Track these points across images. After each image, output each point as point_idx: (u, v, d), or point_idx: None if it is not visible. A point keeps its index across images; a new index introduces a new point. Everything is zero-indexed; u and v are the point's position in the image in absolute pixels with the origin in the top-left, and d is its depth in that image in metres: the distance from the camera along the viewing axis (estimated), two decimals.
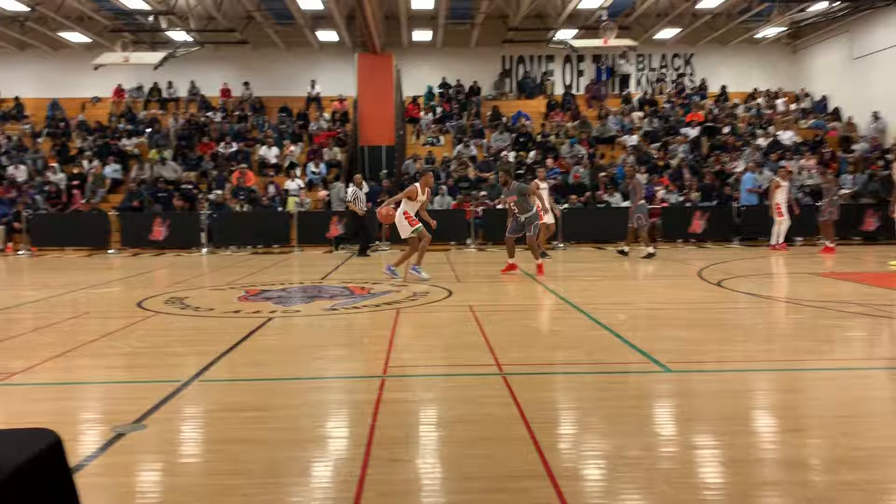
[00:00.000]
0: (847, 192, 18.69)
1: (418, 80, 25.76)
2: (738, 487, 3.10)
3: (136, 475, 3.38)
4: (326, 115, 24.52)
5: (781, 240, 15.78)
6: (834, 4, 21.08)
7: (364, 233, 16.04)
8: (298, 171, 20.77)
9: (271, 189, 19.72)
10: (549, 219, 13.98)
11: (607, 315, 7.43)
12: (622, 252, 14.37)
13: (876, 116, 21.98)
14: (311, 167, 21.13)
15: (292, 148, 22.24)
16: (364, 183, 16.90)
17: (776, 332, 7.07)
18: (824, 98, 24.93)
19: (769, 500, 3.02)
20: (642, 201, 14.11)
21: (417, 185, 10.69)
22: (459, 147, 22.40)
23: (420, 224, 10.53)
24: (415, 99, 25.42)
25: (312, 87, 25.52)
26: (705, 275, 11.16)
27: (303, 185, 19.98)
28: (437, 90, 26.03)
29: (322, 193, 19.72)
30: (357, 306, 8.34)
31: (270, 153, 21.87)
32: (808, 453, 3.54)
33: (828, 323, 7.24)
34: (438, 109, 25.09)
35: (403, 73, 24.99)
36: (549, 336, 6.66)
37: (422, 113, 24.97)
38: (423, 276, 10.47)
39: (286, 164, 21.45)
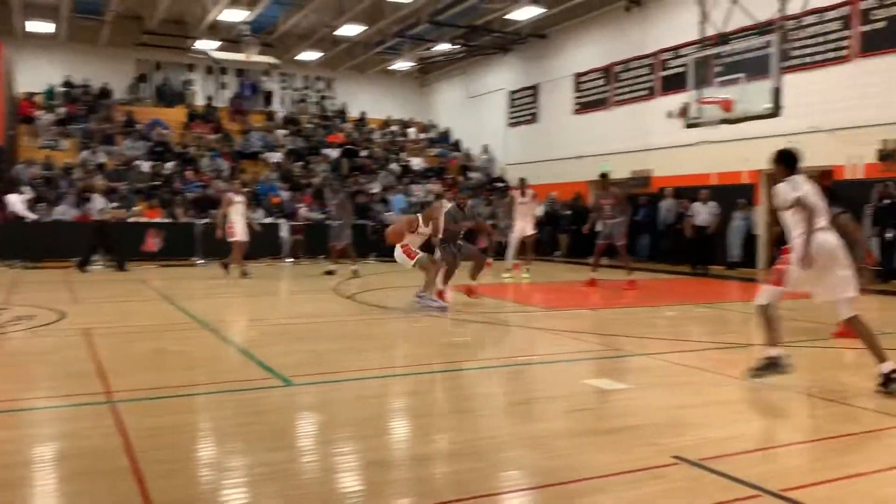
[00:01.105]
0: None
1: (38, 76, 22.72)
2: (373, 487, 3.26)
3: None
4: None
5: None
6: (454, 48, 23.80)
7: (91, 245, 14.74)
8: None
9: None
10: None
11: (238, 333, 7.34)
12: (330, 272, 14.19)
13: (486, 149, 25.25)
14: None
15: None
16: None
17: (401, 339, 7.63)
18: (447, 130, 27.90)
19: (397, 498, 3.22)
20: (342, 221, 14.41)
21: (420, 216, 9.41)
22: (86, 153, 20.32)
23: (422, 254, 9.24)
24: (31, 96, 22.42)
25: None
26: (340, 289, 11.63)
27: None
28: (59, 89, 23.31)
29: None
30: None
31: None
32: (432, 449, 3.89)
33: (449, 329, 8.06)
34: (62, 110, 22.47)
35: (19, 66, 21.89)
36: (172, 358, 6.30)
37: (40, 112, 22.12)
38: (435, 304, 9.12)
39: None
